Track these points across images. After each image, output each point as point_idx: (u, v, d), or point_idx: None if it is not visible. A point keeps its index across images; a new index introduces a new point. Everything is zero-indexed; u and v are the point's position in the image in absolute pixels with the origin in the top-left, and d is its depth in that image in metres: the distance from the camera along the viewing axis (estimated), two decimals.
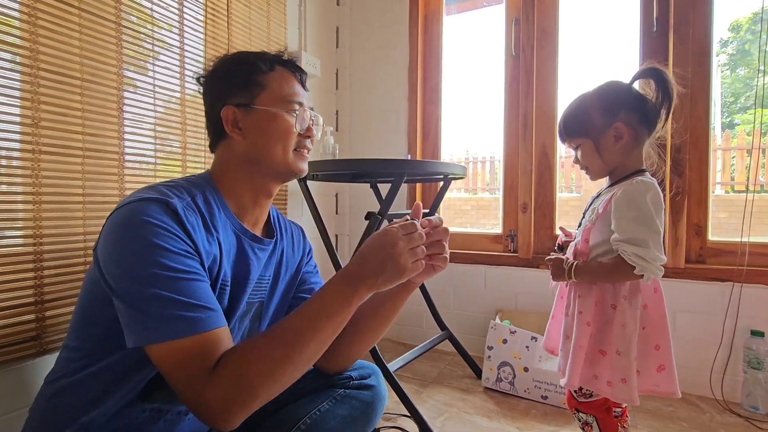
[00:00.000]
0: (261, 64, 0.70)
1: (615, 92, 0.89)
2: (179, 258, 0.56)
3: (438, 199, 1.62)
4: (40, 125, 0.96)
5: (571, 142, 0.94)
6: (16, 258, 0.93)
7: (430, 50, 2.05)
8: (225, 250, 0.67)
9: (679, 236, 1.52)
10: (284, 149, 0.70)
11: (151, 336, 0.54)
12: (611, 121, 0.87)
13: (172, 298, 0.54)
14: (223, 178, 0.71)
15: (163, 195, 0.61)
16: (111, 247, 0.58)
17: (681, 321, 1.51)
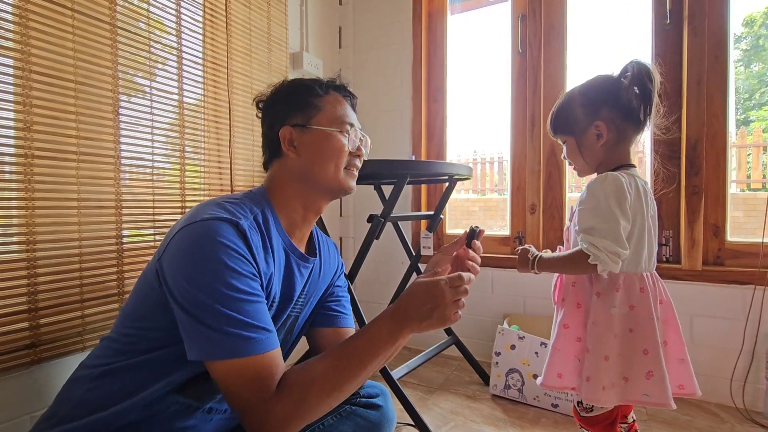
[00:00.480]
0: (317, 88, 0.76)
1: (598, 88, 0.86)
2: (246, 280, 0.61)
3: (443, 201, 1.58)
4: (33, 129, 0.94)
5: (558, 138, 0.94)
6: (9, 265, 0.91)
7: (435, 49, 2.01)
8: (277, 268, 0.71)
9: (695, 237, 1.45)
10: (336, 167, 0.74)
11: (215, 352, 0.57)
12: (593, 119, 0.85)
13: (238, 318, 0.58)
14: (277, 195, 0.75)
15: (233, 216, 0.64)
16: (183, 263, 0.60)
17: (698, 326, 1.45)
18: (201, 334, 0.58)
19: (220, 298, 0.58)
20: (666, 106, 1.53)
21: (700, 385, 1.41)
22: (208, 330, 0.57)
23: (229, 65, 1.44)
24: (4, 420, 0.91)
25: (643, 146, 3.98)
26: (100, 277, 1.07)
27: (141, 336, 0.65)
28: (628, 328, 0.82)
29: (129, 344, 0.66)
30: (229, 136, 1.45)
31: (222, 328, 0.57)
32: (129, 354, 0.65)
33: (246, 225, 0.65)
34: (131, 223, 1.15)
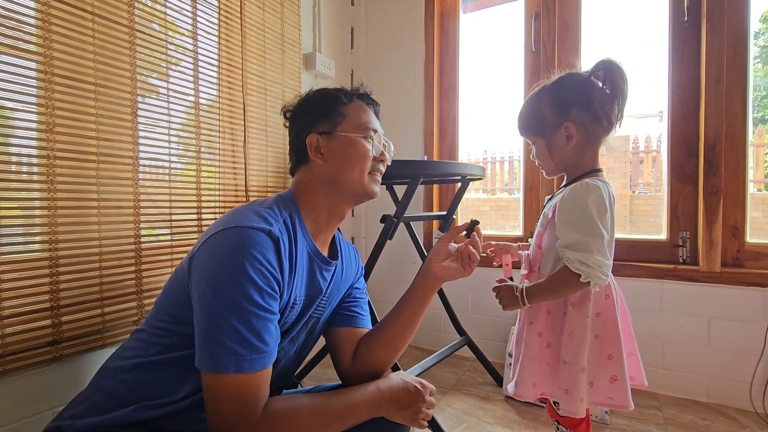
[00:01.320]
0: (342, 97, 0.79)
1: (567, 88, 0.83)
2: (266, 296, 0.63)
3: (456, 201, 1.58)
4: (55, 131, 0.96)
5: (526, 138, 0.91)
6: (33, 263, 0.93)
7: (447, 48, 2.00)
8: (300, 270, 0.73)
9: (714, 239, 1.43)
10: (360, 172, 0.77)
11: (205, 363, 0.59)
12: (562, 120, 0.83)
13: (242, 333, 0.60)
14: (304, 199, 0.78)
15: (267, 223, 0.67)
16: (210, 267, 0.62)
17: (717, 329, 1.42)
18: (201, 341, 0.60)
19: (234, 308, 0.59)
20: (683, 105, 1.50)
21: (718, 388, 1.39)
22: (208, 340, 0.59)
23: (244, 66, 1.46)
24: (27, 415, 0.93)
25: (659, 144, 3.88)
26: (119, 276, 1.09)
27: (172, 330, 0.68)
28: (594, 335, 0.81)
29: (161, 337, 0.69)
30: (244, 137, 1.46)
31: (220, 339, 0.59)
32: (161, 347, 0.68)
33: (277, 229, 0.67)
34: (149, 223, 1.16)
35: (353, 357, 0.84)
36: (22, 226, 0.92)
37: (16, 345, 0.90)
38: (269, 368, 0.63)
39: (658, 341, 1.50)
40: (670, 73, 1.54)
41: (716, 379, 1.42)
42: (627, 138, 5.03)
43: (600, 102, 0.81)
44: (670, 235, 1.55)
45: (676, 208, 1.55)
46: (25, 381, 0.93)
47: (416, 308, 0.81)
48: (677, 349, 1.47)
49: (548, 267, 0.86)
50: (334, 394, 0.70)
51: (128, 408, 0.65)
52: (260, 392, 0.61)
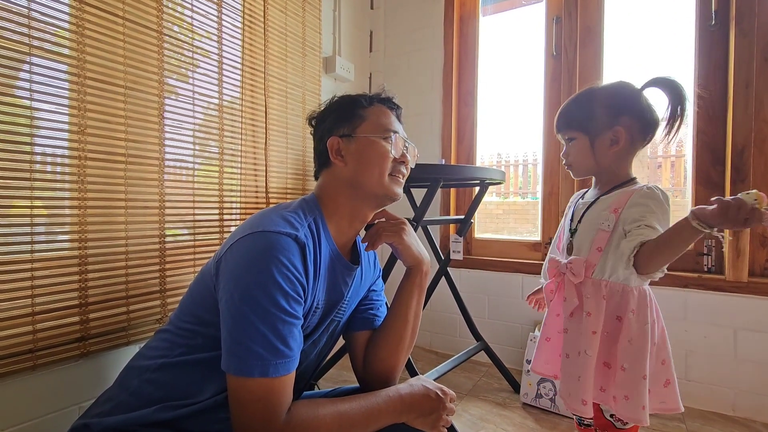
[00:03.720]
0: (362, 100, 0.80)
1: (623, 94, 0.84)
2: (292, 301, 0.63)
3: (474, 205, 1.57)
4: (86, 132, 0.99)
5: (566, 133, 0.89)
6: (63, 261, 0.96)
7: (466, 52, 2.00)
8: (323, 274, 0.73)
9: (741, 247, 1.39)
10: (380, 173, 0.76)
11: (230, 366, 0.60)
12: (613, 122, 0.83)
13: (267, 337, 0.60)
14: (327, 202, 0.78)
15: (293, 228, 0.67)
16: (237, 271, 0.63)
17: (743, 340, 1.38)
18: (227, 344, 0.61)
19: (260, 312, 0.60)
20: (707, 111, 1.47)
21: (745, 402, 1.35)
22: (234, 343, 0.60)
23: (266, 69, 1.48)
24: (55, 409, 0.96)
25: (679, 149, 3.82)
26: (144, 275, 1.11)
27: (197, 332, 0.69)
28: (653, 342, 0.81)
29: (186, 338, 0.70)
30: (265, 139, 1.48)
31: (246, 343, 0.59)
32: (186, 348, 0.69)
33: (303, 234, 0.68)
34: (173, 223, 1.19)
35: (364, 357, 0.85)
36: (55, 224, 0.95)
37: (46, 341, 0.92)
38: (293, 373, 0.64)
39: (682, 352, 1.46)
40: (696, 78, 1.51)
41: (743, 392, 1.38)
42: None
43: (648, 113, 0.83)
44: (695, 243, 1.52)
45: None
46: (54, 376, 0.95)
47: (401, 301, 0.83)
48: (702, 361, 1.44)
49: (604, 272, 0.84)
50: (355, 399, 0.70)
51: (153, 407, 0.66)
52: (284, 397, 0.62)
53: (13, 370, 0.87)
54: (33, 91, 0.91)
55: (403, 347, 0.84)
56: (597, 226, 0.86)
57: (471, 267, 1.88)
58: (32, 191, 0.91)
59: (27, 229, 0.90)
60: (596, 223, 0.86)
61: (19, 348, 0.88)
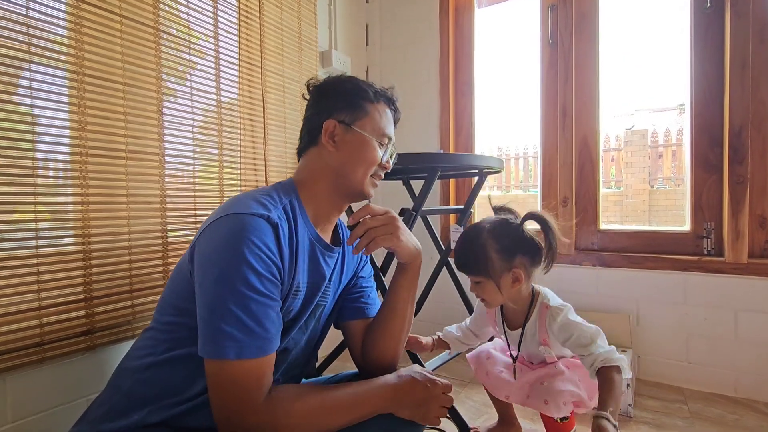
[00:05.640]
0: (370, 92, 0.78)
1: (511, 236, 0.93)
2: (265, 282, 0.63)
3: (473, 195, 1.57)
4: (87, 129, 1.00)
5: (472, 278, 0.98)
6: (68, 256, 0.97)
7: (462, 43, 2.00)
8: (302, 256, 0.73)
9: (740, 229, 1.40)
10: (364, 173, 0.77)
11: (204, 350, 0.60)
12: (509, 265, 0.93)
13: (242, 319, 0.60)
14: (308, 185, 0.77)
15: (266, 209, 0.67)
16: (210, 254, 0.63)
17: (744, 321, 1.39)
18: (202, 328, 0.61)
19: (233, 293, 0.60)
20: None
21: (747, 382, 1.36)
22: (208, 327, 0.60)
23: (263, 65, 1.49)
24: (63, 402, 0.98)
25: (680, 138, 3.80)
26: (147, 269, 1.12)
27: (179, 324, 0.68)
28: None
29: (169, 332, 0.69)
30: (264, 134, 1.49)
31: (219, 325, 0.59)
32: (170, 343, 0.68)
33: (276, 215, 0.67)
34: (174, 218, 1.20)
35: (362, 348, 0.86)
36: (58, 220, 0.96)
37: (53, 334, 0.94)
38: (272, 355, 0.63)
39: (683, 335, 1.47)
40: (692, 62, 1.51)
41: (744, 373, 1.39)
42: (645, 132, 4.93)
43: (534, 247, 0.93)
44: (694, 227, 1.52)
45: (699, 199, 1.51)
46: (62, 369, 0.97)
47: (397, 297, 0.83)
48: (703, 343, 1.44)
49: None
50: (343, 385, 0.70)
51: (146, 409, 0.65)
52: (263, 379, 0.61)
53: (22, 363, 0.89)
54: (33, 89, 0.92)
55: (401, 339, 0.85)
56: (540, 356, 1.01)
57: None
58: (35, 187, 0.92)
59: (31, 225, 0.92)
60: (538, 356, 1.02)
61: (27, 342, 0.90)
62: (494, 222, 0.97)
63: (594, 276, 1.62)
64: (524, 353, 1.05)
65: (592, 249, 1.69)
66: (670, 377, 1.48)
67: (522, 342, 1.02)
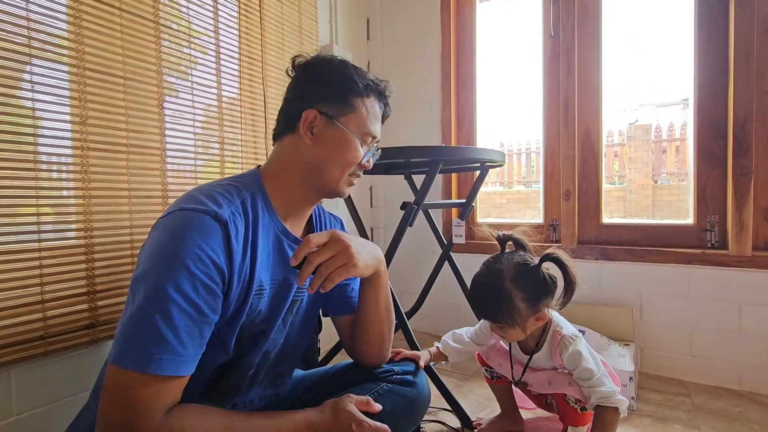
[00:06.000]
0: (360, 85, 0.72)
1: (534, 282, 0.93)
2: (200, 288, 0.56)
3: (475, 189, 1.57)
4: (88, 123, 1.00)
5: (497, 325, 0.97)
6: (70, 250, 0.97)
7: (464, 37, 1.99)
8: (263, 256, 0.67)
9: (744, 221, 1.39)
10: (341, 173, 0.72)
11: (111, 352, 0.54)
12: (535, 310, 0.94)
13: (161, 331, 0.53)
14: (278, 176, 0.72)
15: (216, 205, 0.61)
16: (147, 251, 0.59)
17: (748, 314, 1.38)
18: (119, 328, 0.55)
19: (158, 297, 0.53)
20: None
21: (751, 376, 1.36)
22: (121, 328, 0.54)
23: (264, 59, 1.48)
24: (67, 395, 0.98)
25: (683, 133, 3.76)
26: None
27: None
28: None
29: None
30: (265, 129, 1.49)
31: (133, 330, 0.53)
32: None
33: (227, 213, 0.61)
34: None
35: (350, 342, 0.87)
36: (60, 214, 0.97)
37: (56, 328, 0.95)
38: (182, 378, 0.55)
39: (686, 328, 1.47)
40: (696, 54, 1.50)
41: (748, 366, 1.38)
42: (648, 127, 4.90)
43: (552, 287, 0.94)
44: (698, 220, 1.52)
45: (703, 192, 1.51)
46: (66, 362, 0.98)
47: (371, 307, 0.81)
48: (706, 336, 1.44)
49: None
50: (255, 417, 0.62)
51: None
52: (159, 402, 0.53)
53: (27, 356, 0.89)
54: (34, 83, 0.92)
55: (384, 339, 0.85)
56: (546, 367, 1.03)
57: (473, 252, 1.89)
58: (37, 181, 0.92)
59: (33, 219, 0.92)
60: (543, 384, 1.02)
61: (31, 335, 0.91)
62: (514, 268, 0.94)
63: (596, 269, 1.62)
64: (529, 379, 1.05)
65: (595, 242, 1.68)
66: (673, 370, 1.48)
67: (529, 365, 1.03)
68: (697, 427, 1.17)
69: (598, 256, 1.62)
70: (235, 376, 0.71)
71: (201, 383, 0.67)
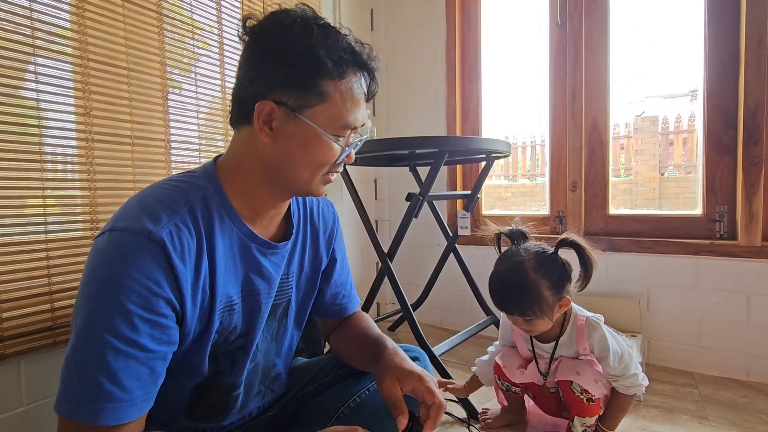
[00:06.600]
0: (331, 65, 0.55)
1: (557, 270, 0.93)
2: (143, 325, 0.49)
3: (480, 180, 1.56)
4: (92, 114, 1.00)
5: (523, 318, 0.95)
6: (77, 242, 0.98)
7: (468, 26, 1.96)
8: (227, 267, 0.59)
9: (754, 211, 1.37)
10: (311, 174, 0.60)
11: (58, 405, 0.48)
12: (559, 297, 0.94)
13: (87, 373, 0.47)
14: (236, 174, 0.60)
15: (151, 219, 0.52)
16: (86, 281, 0.51)
17: (757, 305, 1.37)
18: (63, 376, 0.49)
19: (88, 341, 0.48)
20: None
21: (760, 367, 1.35)
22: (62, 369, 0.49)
23: None
24: None
25: (691, 124, 3.71)
26: None
27: None
28: None
29: None
30: None
31: (65, 373, 0.48)
32: None
33: (165, 231, 0.51)
34: None
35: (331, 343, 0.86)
36: (66, 206, 0.97)
37: (64, 319, 0.95)
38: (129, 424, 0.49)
39: (694, 319, 1.45)
40: (707, 41, 1.47)
41: (757, 357, 1.37)
42: (656, 119, 4.83)
43: (570, 271, 0.95)
44: (706, 210, 1.50)
45: (712, 182, 1.48)
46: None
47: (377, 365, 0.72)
48: (714, 327, 1.43)
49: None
50: None
51: None
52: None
53: (35, 346, 0.90)
54: (38, 74, 0.92)
55: None
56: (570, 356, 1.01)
57: (479, 244, 1.88)
58: (43, 173, 0.92)
59: (40, 210, 0.92)
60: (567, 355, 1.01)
61: (40, 326, 0.91)
62: (534, 258, 0.94)
63: (603, 261, 1.60)
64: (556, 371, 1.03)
65: (602, 234, 1.67)
66: (681, 362, 1.47)
67: (554, 354, 1.02)
68: (705, 418, 1.16)
69: (605, 247, 1.60)
70: (219, 396, 0.66)
71: (179, 404, 0.64)
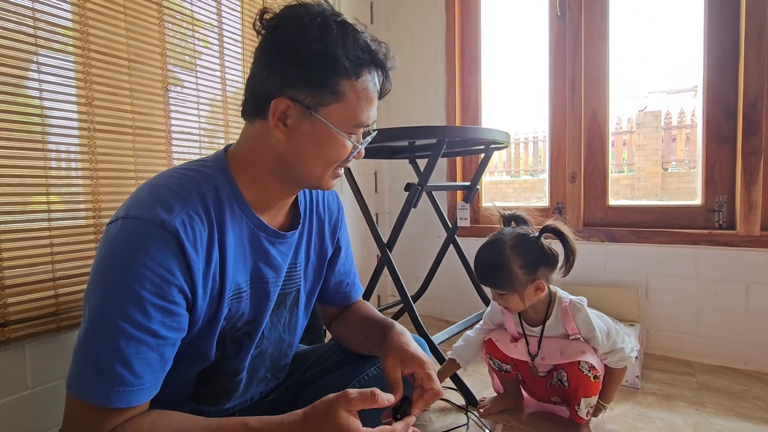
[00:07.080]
0: (348, 65, 0.57)
1: (533, 251, 0.97)
2: (155, 311, 0.51)
3: (479, 171, 1.56)
4: (94, 104, 1.01)
5: (496, 291, 1.01)
6: (79, 230, 0.99)
7: (468, 19, 1.96)
8: (236, 256, 0.62)
9: (753, 200, 1.37)
10: (323, 171, 0.62)
11: (70, 385, 0.51)
12: (532, 278, 0.98)
13: (98, 356, 0.49)
14: (247, 166, 0.63)
15: (164, 208, 0.53)
16: (99, 268, 0.53)
17: (756, 294, 1.37)
18: (75, 357, 0.52)
19: (103, 324, 0.50)
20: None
21: (758, 355, 1.35)
22: (74, 351, 0.52)
23: None
24: None
25: (693, 119, 3.71)
26: None
27: None
28: None
29: None
30: None
31: (78, 353, 0.51)
32: None
33: (178, 220, 0.53)
34: None
35: (331, 328, 0.88)
36: (69, 194, 0.98)
37: (68, 304, 0.97)
38: (136, 407, 0.51)
39: (692, 309, 1.46)
40: (707, 32, 1.47)
41: (755, 346, 1.38)
42: (658, 114, 4.82)
43: (552, 258, 0.98)
44: (705, 200, 1.50)
45: (712, 172, 1.49)
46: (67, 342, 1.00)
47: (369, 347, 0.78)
48: (713, 316, 1.43)
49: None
50: (223, 422, 0.54)
51: None
52: (112, 424, 0.50)
53: (40, 331, 0.92)
54: (40, 63, 0.93)
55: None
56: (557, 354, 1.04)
57: (479, 236, 1.89)
58: (46, 162, 0.94)
59: (43, 199, 0.93)
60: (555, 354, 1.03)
61: (44, 311, 0.93)
62: (514, 238, 0.99)
63: (602, 251, 1.61)
64: (543, 352, 1.06)
65: (601, 224, 1.67)
66: (679, 351, 1.48)
67: (543, 336, 1.05)
68: (701, 404, 1.17)
69: (603, 237, 1.61)
70: (223, 381, 0.68)
71: (185, 388, 0.66)
